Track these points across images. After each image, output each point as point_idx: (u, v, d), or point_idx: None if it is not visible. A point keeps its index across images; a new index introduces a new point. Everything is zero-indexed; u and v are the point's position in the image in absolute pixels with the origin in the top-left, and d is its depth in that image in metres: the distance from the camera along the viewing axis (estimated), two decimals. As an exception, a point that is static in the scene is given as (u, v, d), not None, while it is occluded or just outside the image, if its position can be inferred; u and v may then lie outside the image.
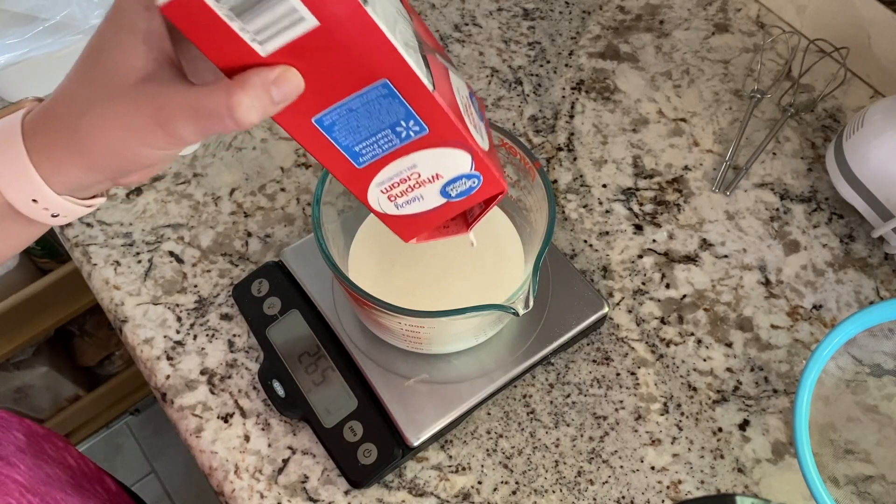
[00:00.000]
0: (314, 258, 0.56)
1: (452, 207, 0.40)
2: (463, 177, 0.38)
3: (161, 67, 0.32)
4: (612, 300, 0.59)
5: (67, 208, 0.35)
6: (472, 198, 0.39)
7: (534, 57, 0.73)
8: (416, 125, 0.34)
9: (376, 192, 0.38)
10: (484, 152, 0.37)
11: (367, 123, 0.34)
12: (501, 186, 0.39)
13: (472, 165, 0.37)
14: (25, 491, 0.46)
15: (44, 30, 0.59)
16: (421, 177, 0.37)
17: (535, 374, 0.56)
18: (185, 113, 0.31)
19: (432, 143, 0.35)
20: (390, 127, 0.34)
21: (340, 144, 0.35)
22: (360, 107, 0.33)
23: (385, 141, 0.35)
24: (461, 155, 0.36)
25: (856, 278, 0.61)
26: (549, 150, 0.67)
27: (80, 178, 0.34)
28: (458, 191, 0.38)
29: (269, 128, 0.68)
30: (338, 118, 0.33)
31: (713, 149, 0.68)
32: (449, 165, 0.37)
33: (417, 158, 0.36)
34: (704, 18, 0.77)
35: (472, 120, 0.37)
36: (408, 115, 0.33)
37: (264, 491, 0.51)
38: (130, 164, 0.33)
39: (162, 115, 0.31)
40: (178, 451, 1.39)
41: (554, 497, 0.51)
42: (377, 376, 0.52)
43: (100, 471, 0.61)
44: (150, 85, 0.31)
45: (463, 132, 0.35)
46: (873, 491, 0.52)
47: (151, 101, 0.31)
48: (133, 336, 0.57)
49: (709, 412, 0.55)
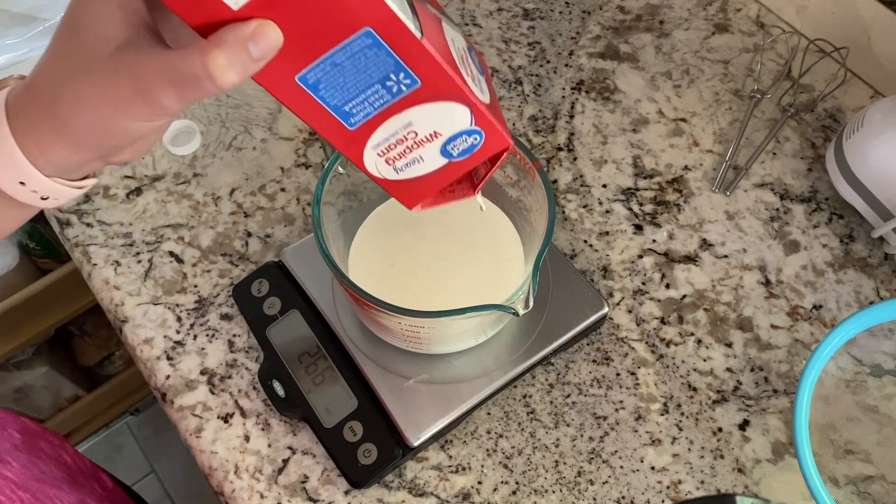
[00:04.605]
0: (314, 258, 0.56)
1: (456, 168, 0.37)
2: (463, 133, 0.35)
3: (138, 35, 0.30)
4: (612, 300, 0.59)
5: (57, 190, 0.34)
6: (475, 156, 0.37)
7: (534, 57, 0.73)
8: (406, 78, 0.32)
9: (373, 156, 0.36)
10: (485, 105, 0.35)
11: (355, 79, 0.32)
12: (506, 142, 0.37)
13: (472, 120, 0.35)
14: (17, 487, 0.46)
15: (44, 30, 0.60)
16: (418, 136, 0.35)
17: (535, 374, 0.56)
18: (164, 79, 0.29)
19: (427, 98, 0.33)
20: (380, 81, 0.32)
21: (329, 104, 0.33)
22: (346, 60, 0.31)
23: (376, 98, 0.33)
24: (459, 109, 0.34)
25: (856, 278, 0.61)
26: (549, 150, 0.67)
27: (68, 157, 0.33)
28: (459, 149, 0.36)
29: (268, 128, 0.68)
30: (323, 75, 0.31)
31: (713, 149, 0.68)
32: (447, 122, 0.34)
33: (413, 115, 0.34)
34: (704, 18, 0.77)
35: (470, 72, 0.35)
36: (397, 66, 0.31)
37: (264, 491, 0.51)
38: (116, 139, 0.32)
39: (140, 84, 0.29)
40: (178, 451, 1.39)
41: (554, 497, 0.51)
42: (377, 376, 0.52)
43: (95, 468, 0.61)
44: (127, 54, 0.30)
45: (458, 83, 0.33)
46: (873, 491, 0.52)
47: (129, 71, 0.30)
48: (133, 336, 0.57)
49: (709, 412, 0.55)
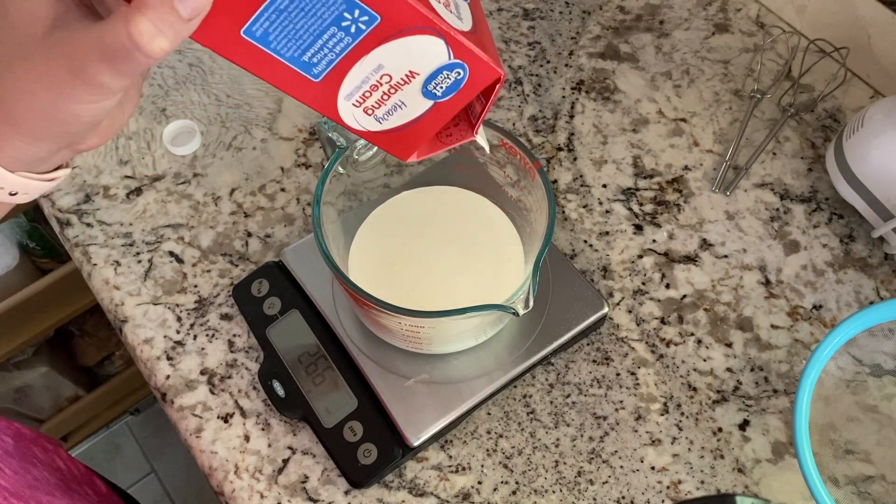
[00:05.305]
0: (314, 258, 0.56)
1: (445, 109, 0.34)
2: (443, 69, 0.32)
3: (68, 10, 0.29)
4: (612, 300, 0.59)
5: (24, 184, 0.32)
6: (463, 92, 0.33)
7: (534, 57, 0.73)
8: (363, 14, 0.29)
9: (349, 108, 0.33)
10: (464, 34, 0.31)
11: (306, 23, 0.29)
12: (495, 72, 0.33)
13: (451, 53, 0.31)
14: (9, 495, 0.46)
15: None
16: (393, 79, 0.32)
17: (535, 374, 0.56)
18: (95, 56, 0.27)
19: (391, 34, 0.30)
20: (334, 23, 0.29)
21: (285, 56, 0.30)
22: (290, 4, 0.28)
23: (335, 42, 0.30)
24: (432, 42, 0.30)
25: (856, 278, 0.61)
26: (549, 150, 0.67)
27: (28, 150, 0.31)
28: (443, 87, 0.33)
29: (268, 128, 0.68)
30: (270, 25, 0.29)
31: (713, 149, 0.68)
32: (422, 58, 0.31)
33: (381, 56, 0.31)
34: (704, 18, 0.77)
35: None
36: (348, 2, 0.28)
37: (264, 491, 0.51)
38: (69, 124, 0.30)
39: (74, 64, 0.28)
40: (178, 451, 1.39)
41: (554, 497, 0.51)
42: (377, 376, 0.52)
43: (90, 472, 0.60)
44: (58, 33, 0.28)
45: (423, 11, 0.29)
46: (873, 491, 0.52)
47: (61, 51, 0.28)
48: (133, 336, 0.57)
49: (709, 412, 0.55)
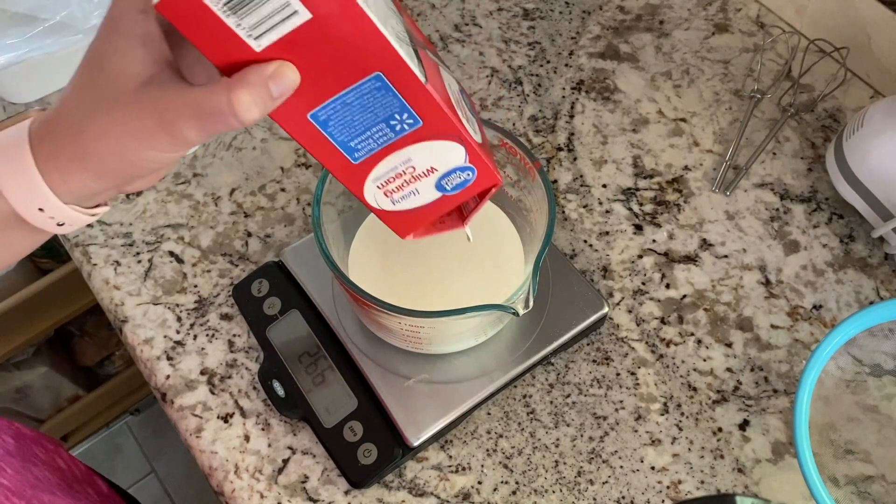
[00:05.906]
0: (314, 258, 0.56)
1: (448, 201, 0.40)
2: (458, 169, 0.38)
3: (161, 70, 0.32)
4: (612, 300, 0.59)
5: (73, 217, 0.35)
6: (467, 191, 0.39)
7: (534, 57, 0.73)
8: (409, 118, 0.34)
9: (373, 188, 0.38)
10: (478, 144, 0.38)
11: (362, 118, 0.34)
12: (496, 178, 0.39)
13: (467, 158, 0.37)
14: (11, 494, 0.46)
15: (44, 30, 0.59)
16: (416, 171, 0.37)
17: (535, 374, 0.56)
18: (188, 114, 0.31)
19: (426, 136, 0.35)
20: (385, 120, 0.34)
21: (336, 140, 0.35)
22: (355, 101, 0.33)
23: (380, 135, 0.35)
24: (455, 147, 0.37)
25: (856, 278, 0.61)
26: (549, 150, 0.67)
27: (88, 185, 0.34)
28: (453, 184, 0.39)
29: (268, 128, 0.68)
30: (333, 113, 0.33)
31: (713, 149, 0.68)
32: (443, 158, 0.37)
33: (412, 152, 0.36)
34: (704, 18, 0.77)
35: (465, 114, 0.38)
36: (402, 107, 0.34)
37: (264, 491, 0.51)
38: (137, 168, 0.34)
39: (165, 118, 0.31)
40: (178, 451, 1.39)
41: (554, 497, 0.51)
42: (377, 376, 0.52)
43: (91, 472, 0.60)
44: (151, 89, 0.32)
45: (456, 124, 0.35)
46: (873, 491, 0.52)
47: (154, 105, 0.31)
48: (133, 336, 0.57)
49: (709, 412, 0.55)
